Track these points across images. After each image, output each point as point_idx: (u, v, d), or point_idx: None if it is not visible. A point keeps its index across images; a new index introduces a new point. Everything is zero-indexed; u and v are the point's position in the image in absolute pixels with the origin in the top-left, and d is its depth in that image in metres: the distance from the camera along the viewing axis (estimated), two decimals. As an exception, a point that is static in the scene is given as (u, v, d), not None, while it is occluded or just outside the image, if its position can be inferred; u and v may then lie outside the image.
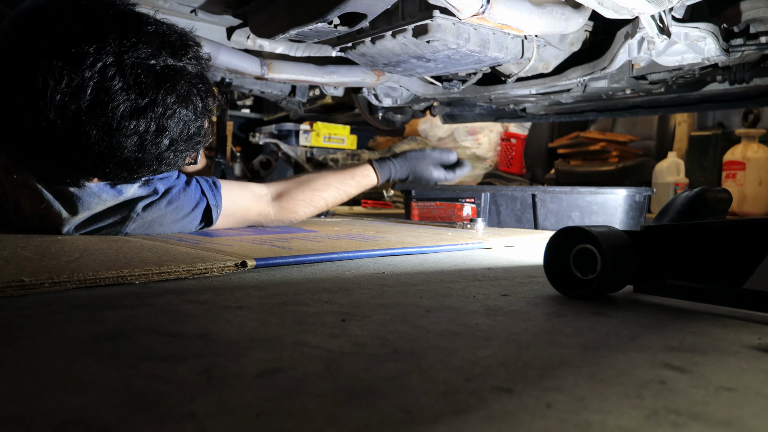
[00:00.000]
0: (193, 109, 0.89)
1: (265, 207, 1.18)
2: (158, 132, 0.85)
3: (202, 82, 0.91)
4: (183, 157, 0.93)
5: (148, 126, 0.83)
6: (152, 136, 0.84)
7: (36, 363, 0.36)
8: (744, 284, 0.54)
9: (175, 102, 0.85)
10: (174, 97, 0.85)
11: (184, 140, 0.89)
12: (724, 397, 0.33)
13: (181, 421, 0.28)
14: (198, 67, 0.91)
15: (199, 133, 0.93)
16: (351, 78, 1.63)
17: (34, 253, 0.73)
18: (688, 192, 0.76)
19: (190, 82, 0.88)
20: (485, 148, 4.20)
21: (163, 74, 0.84)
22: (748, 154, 2.91)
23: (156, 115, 0.83)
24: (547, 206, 1.44)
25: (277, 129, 3.79)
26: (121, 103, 0.80)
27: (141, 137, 0.83)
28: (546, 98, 1.80)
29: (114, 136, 0.81)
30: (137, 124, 0.82)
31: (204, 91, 0.91)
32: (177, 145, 0.89)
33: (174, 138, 0.87)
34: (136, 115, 0.82)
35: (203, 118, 0.92)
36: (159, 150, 0.86)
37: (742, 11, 1.20)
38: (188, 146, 0.91)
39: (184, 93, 0.87)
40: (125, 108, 0.80)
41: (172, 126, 0.86)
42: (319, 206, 1.25)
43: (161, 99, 0.83)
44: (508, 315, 0.53)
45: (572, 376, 0.36)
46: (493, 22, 1.06)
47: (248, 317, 0.49)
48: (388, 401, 0.31)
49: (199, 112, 0.90)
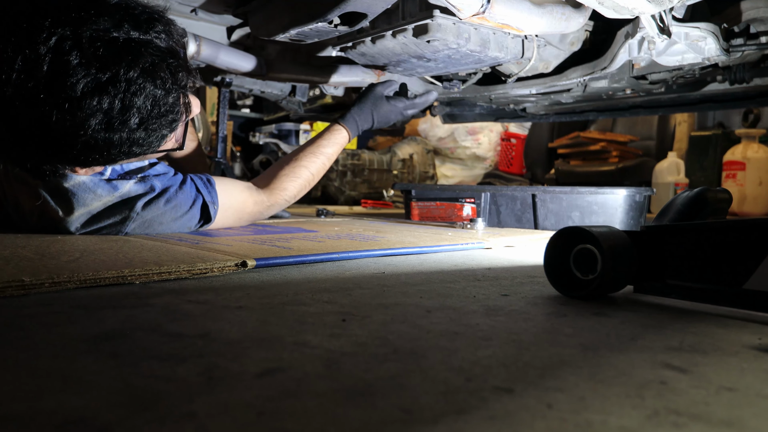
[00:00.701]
0: (161, 84, 0.84)
1: (258, 195, 1.17)
2: (125, 109, 0.80)
3: (172, 56, 0.86)
4: (158, 136, 0.88)
5: (113, 103, 0.79)
6: (118, 114, 0.80)
7: (36, 362, 0.36)
8: (744, 284, 0.54)
9: (140, 76, 0.81)
10: (138, 71, 0.80)
11: (155, 117, 0.85)
12: (725, 397, 0.33)
13: (181, 420, 0.28)
14: (169, 41, 0.86)
15: (173, 110, 0.88)
16: (351, 78, 1.63)
17: (34, 253, 0.73)
18: (688, 192, 0.76)
19: (157, 55, 0.83)
20: (485, 148, 4.21)
21: (126, 47, 0.79)
22: (748, 154, 2.91)
23: (120, 91, 0.79)
24: (547, 206, 1.44)
25: (277, 129, 3.79)
26: (80, 79, 0.76)
27: (106, 115, 0.79)
28: (546, 98, 1.80)
29: (76, 114, 0.77)
30: (100, 100, 0.78)
31: (174, 66, 0.86)
32: (148, 123, 0.84)
33: (144, 116, 0.83)
34: (98, 92, 0.77)
35: (175, 94, 0.87)
36: (128, 128, 0.82)
37: (743, 11, 1.20)
38: (161, 124, 0.87)
39: (150, 67, 0.82)
40: (86, 84, 0.76)
41: (140, 103, 0.81)
42: (303, 176, 1.24)
43: (124, 73, 0.79)
44: (509, 315, 0.53)
45: (573, 376, 0.36)
46: (493, 22, 1.06)
47: (248, 317, 0.49)
48: (389, 401, 0.31)
49: (169, 87, 0.85)
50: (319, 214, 1.81)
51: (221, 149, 1.85)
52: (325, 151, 1.28)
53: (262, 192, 1.18)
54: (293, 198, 1.23)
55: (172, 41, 0.87)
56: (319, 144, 1.28)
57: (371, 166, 3.57)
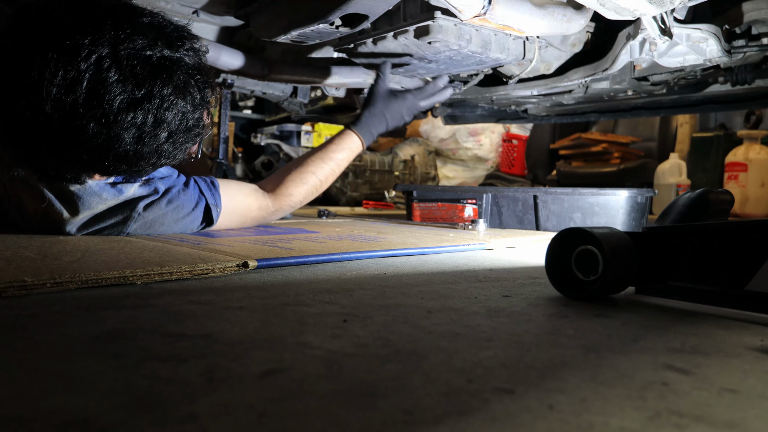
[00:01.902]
0: (191, 101, 0.88)
1: (263, 200, 1.17)
2: (156, 124, 0.84)
3: (199, 73, 0.90)
4: (183, 150, 0.92)
5: (146, 118, 0.82)
6: (150, 128, 0.83)
7: (38, 363, 0.36)
8: (746, 286, 0.53)
9: (173, 93, 0.84)
10: (171, 88, 0.84)
11: (182, 132, 0.88)
12: (727, 398, 0.33)
13: (182, 421, 0.28)
14: (195, 58, 0.89)
15: (198, 124, 0.92)
16: (352, 79, 1.63)
17: (36, 254, 0.73)
18: (690, 193, 0.76)
19: (188, 74, 0.87)
20: (487, 149, 4.21)
21: (160, 65, 0.83)
22: (750, 156, 2.91)
23: (153, 107, 0.82)
24: (548, 207, 1.44)
25: (278, 130, 3.80)
26: (117, 95, 0.79)
27: (139, 129, 0.82)
28: (548, 99, 1.80)
29: (111, 128, 0.80)
30: (135, 116, 0.81)
31: (201, 83, 0.90)
32: (176, 137, 0.88)
33: (172, 130, 0.86)
34: (134, 107, 0.81)
35: (201, 109, 0.91)
36: (158, 142, 0.85)
37: (744, 12, 1.20)
38: (187, 138, 0.90)
39: (182, 84, 0.86)
40: (122, 100, 0.80)
41: (170, 118, 0.85)
42: (310, 182, 1.22)
43: (158, 90, 0.82)
44: (510, 316, 0.53)
45: (574, 377, 0.36)
46: (494, 23, 1.06)
47: (250, 318, 0.49)
48: (390, 402, 0.31)
49: (197, 103, 0.89)
50: (320, 215, 1.82)
51: (223, 150, 1.85)
52: (334, 156, 1.26)
53: (267, 196, 1.18)
54: (299, 204, 1.23)
55: (197, 57, 0.90)
56: (328, 149, 1.26)
57: (373, 167, 3.57)
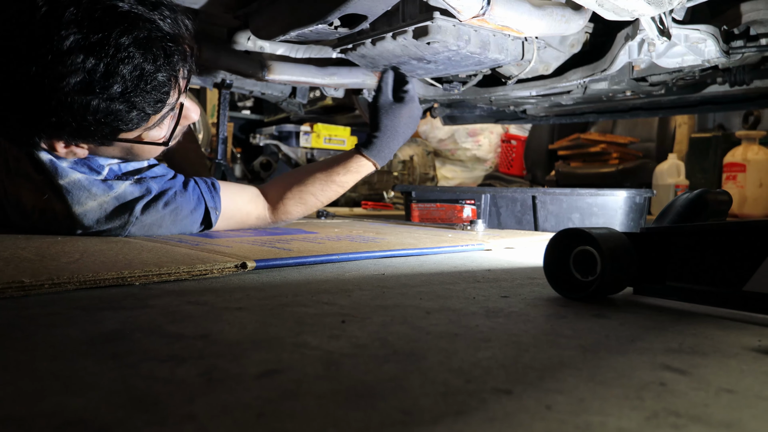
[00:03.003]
0: (153, 59, 0.82)
1: (262, 211, 1.17)
2: (108, 74, 0.78)
3: (172, 41, 0.84)
4: (139, 114, 0.85)
5: (97, 65, 0.77)
6: (101, 78, 0.78)
7: (36, 364, 0.36)
8: (744, 286, 0.54)
9: (131, 45, 0.79)
10: (130, 39, 0.79)
11: (140, 92, 0.82)
12: (725, 399, 0.33)
13: (181, 422, 0.28)
14: (174, 29, 0.85)
15: (160, 89, 0.85)
16: (351, 79, 1.63)
17: (35, 254, 0.73)
18: (688, 194, 0.76)
19: (156, 34, 0.82)
20: (486, 150, 4.21)
21: (123, 16, 0.79)
22: (748, 156, 2.91)
23: (106, 55, 0.77)
24: (547, 208, 1.44)
25: (277, 130, 3.80)
26: (70, 34, 0.75)
27: (88, 75, 0.77)
28: (546, 100, 1.80)
29: (56, 68, 0.76)
30: (85, 59, 0.76)
31: (172, 49, 0.85)
32: (131, 96, 0.82)
33: (127, 87, 0.81)
34: (84, 51, 0.76)
35: (165, 73, 0.85)
36: (108, 95, 0.80)
37: (743, 13, 1.21)
38: (145, 100, 0.84)
39: (143, 39, 0.80)
40: (74, 40, 0.76)
41: (125, 72, 0.79)
42: (309, 203, 1.18)
43: (114, 38, 0.78)
44: (508, 316, 0.53)
45: (572, 377, 0.36)
46: (493, 24, 1.06)
47: (248, 318, 0.49)
48: (388, 402, 0.31)
49: (160, 64, 0.83)
50: (319, 215, 1.82)
51: (222, 151, 1.85)
52: (338, 179, 1.18)
53: (266, 209, 1.17)
54: (296, 219, 1.22)
55: (177, 30, 0.86)
56: (334, 171, 1.18)
57: (371, 167, 3.57)
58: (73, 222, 0.94)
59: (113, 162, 0.98)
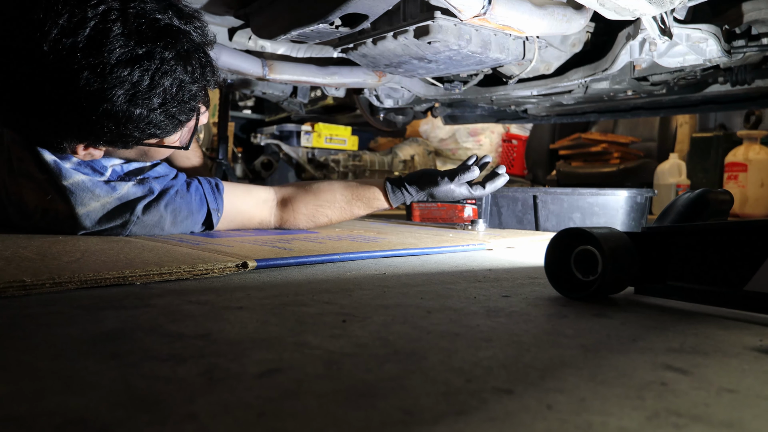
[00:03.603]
0: (191, 72, 0.87)
1: (267, 215, 1.15)
2: (152, 86, 0.83)
3: (204, 53, 0.90)
4: (174, 122, 0.91)
5: (143, 77, 0.82)
6: (145, 89, 0.83)
7: (37, 363, 0.36)
8: (745, 286, 0.54)
9: (173, 59, 0.84)
10: (173, 53, 0.84)
11: (177, 102, 0.88)
12: (726, 398, 0.33)
13: (182, 421, 0.28)
14: (203, 38, 0.90)
15: (194, 99, 0.91)
16: (352, 79, 1.63)
17: (36, 254, 0.73)
18: (689, 193, 0.76)
19: (192, 46, 0.87)
20: (487, 149, 4.21)
21: (166, 30, 0.83)
22: (749, 156, 2.91)
23: (152, 68, 0.82)
24: (548, 207, 1.44)
25: (278, 130, 3.80)
26: (117, 48, 0.79)
27: (134, 87, 0.82)
28: (547, 99, 1.80)
29: (105, 80, 0.80)
30: (131, 72, 0.81)
31: (205, 60, 0.90)
32: (169, 106, 0.87)
33: (167, 98, 0.86)
34: (131, 64, 0.80)
35: (200, 85, 0.91)
36: (150, 106, 0.85)
37: (744, 12, 1.20)
38: (180, 110, 0.90)
39: (184, 53, 0.85)
40: (121, 54, 0.79)
41: (167, 83, 0.85)
42: (321, 223, 1.19)
43: (159, 52, 0.82)
44: (509, 316, 0.53)
45: (573, 377, 0.36)
46: (494, 23, 1.06)
47: (249, 318, 0.49)
48: (389, 402, 0.31)
49: (197, 77, 0.89)
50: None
51: (223, 150, 1.85)
52: (353, 210, 1.19)
53: (273, 216, 1.16)
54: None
55: (206, 40, 0.91)
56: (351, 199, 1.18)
57: (372, 167, 3.57)
58: (75, 222, 0.94)
59: (116, 163, 0.98)
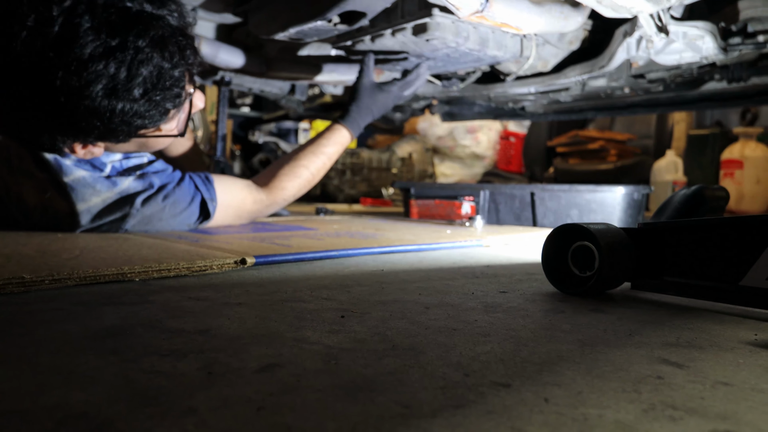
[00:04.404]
0: (169, 57, 0.86)
1: (257, 193, 1.18)
2: (129, 77, 0.82)
3: (182, 35, 0.88)
4: (161, 110, 0.90)
5: (119, 69, 0.80)
6: (123, 81, 0.81)
7: (37, 359, 0.36)
8: (741, 281, 0.54)
9: (148, 46, 0.82)
10: (147, 40, 0.82)
11: (160, 90, 0.86)
12: (721, 391, 0.34)
13: (181, 415, 0.28)
14: (181, 21, 0.88)
15: (178, 84, 0.89)
16: (350, 76, 1.63)
17: (35, 251, 0.74)
18: (686, 190, 0.76)
19: (168, 30, 0.85)
20: (484, 147, 4.21)
21: (138, 17, 0.81)
22: (745, 153, 2.91)
23: (126, 59, 0.80)
24: (545, 204, 1.44)
25: (276, 127, 3.80)
26: (88, 42, 0.78)
27: (112, 80, 0.80)
28: (545, 97, 1.80)
29: (81, 77, 0.78)
30: (106, 66, 0.79)
31: (184, 43, 0.88)
32: (152, 95, 0.85)
33: (148, 87, 0.84)
34: (105, 57, 0.79)
35: (181, 68, 0.89)
36: (131, 98, 0.83)
37: (740, 10, 1.21)
38: (165, 97, 0.88)
39: (158, 38, 0.83)
40: (94, 47, 0.78)
41: (145, 73, 0.83)
42: (303, 175, 1.23)
43: (132, 41, 0.81)
44: (507, 312, 0.53)
45: (570, 371, 0.36)
46: (492, 21, 1.06)
47: (248, 314, 0.49)
48: (387, 396, 0.31)
49: (176, 61, 0.87)
50: (318, 212, 1.82)
51: (221, 148, 1.84)
52: (325, 150, 1.26)
53: (261, 190, 1.18)
54: (292, 197, 1.23)
55: (184, 22, 0.89)
56: (319, 143, 1.27)
57: (370, 164, 3.57)
58: (75, 219, 0.94)
59: (115, 159, 0.99)
